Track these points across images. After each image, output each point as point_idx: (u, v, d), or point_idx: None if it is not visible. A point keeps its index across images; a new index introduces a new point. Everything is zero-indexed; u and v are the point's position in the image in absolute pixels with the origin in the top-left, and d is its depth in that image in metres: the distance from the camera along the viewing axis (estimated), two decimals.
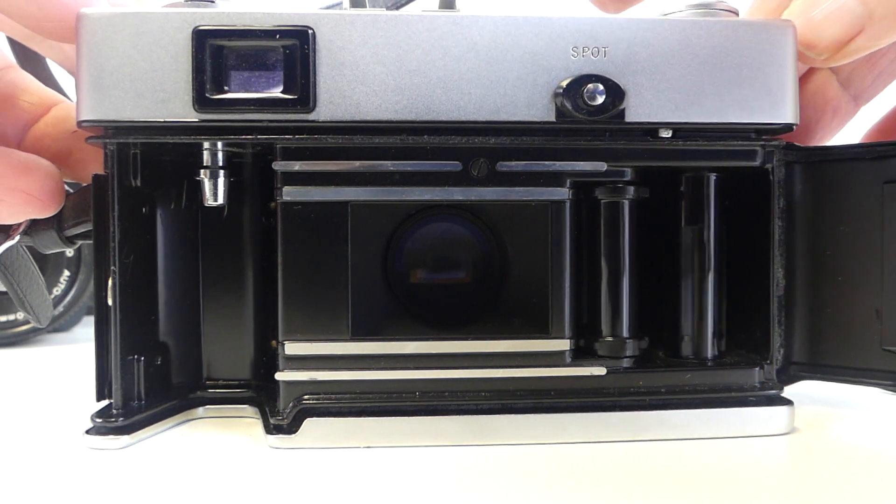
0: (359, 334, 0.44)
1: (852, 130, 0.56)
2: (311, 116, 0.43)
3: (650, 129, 0.45)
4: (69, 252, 0.79)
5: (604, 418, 0.44)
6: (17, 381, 0.65)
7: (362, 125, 0.43)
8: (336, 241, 0.44)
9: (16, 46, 0.61)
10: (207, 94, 0.42)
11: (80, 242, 0.51)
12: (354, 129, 0.43)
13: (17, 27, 0.46)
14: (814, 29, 0.44)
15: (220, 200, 0.46)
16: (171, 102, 0.42)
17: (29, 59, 0.63)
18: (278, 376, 0.44)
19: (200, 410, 0.49)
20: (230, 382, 0.51)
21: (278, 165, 0.44)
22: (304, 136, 0.43)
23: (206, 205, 0.47)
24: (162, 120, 0.42)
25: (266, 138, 0.43)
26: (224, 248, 0.50)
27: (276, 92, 0.42)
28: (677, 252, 0.48)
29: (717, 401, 0.45)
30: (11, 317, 0.80)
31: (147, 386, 0.47)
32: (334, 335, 0.44)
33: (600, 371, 0.45)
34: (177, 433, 0.46)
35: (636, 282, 0.47)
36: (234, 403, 0.50)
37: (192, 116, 0.42)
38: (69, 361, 0.70)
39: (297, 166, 0.44)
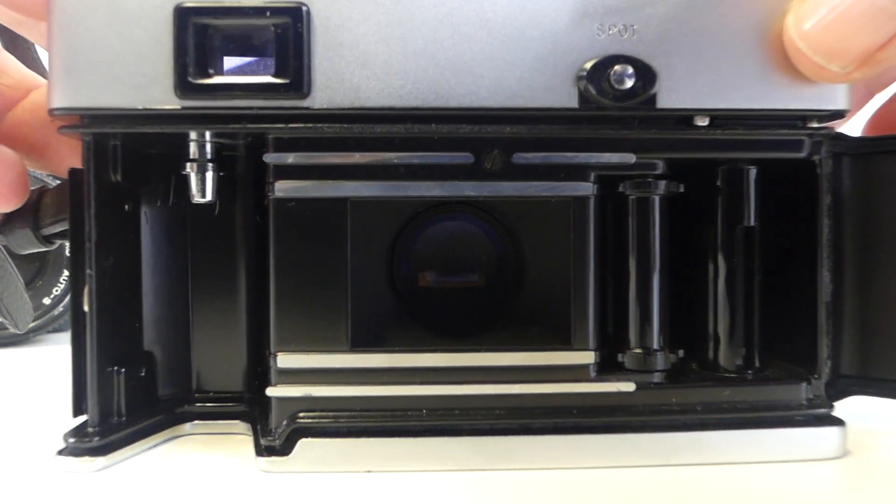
0: (359, 345, 0.40)
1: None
2: (305, 103, 0.39)
3: (684, 117, 0.40)
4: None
5: (632, 440, 0.40)
6: (6, 386, 0.61)
7: (363, 112, 0.39)
8: (334, 241, 0.40)
9: (2, 31, 0.57)
10: (191, 79, 0.38)
11: (58, 242, 0.47)
12: (354, 116, 0.39)
13: (1, 9, 0.42)
14: (835, 33, 0.36)
15: (209, 197, 0.43)
16: (151, 88, 0.38)
17: (16, 46, 0.59)
18: (270, 392, 0.40)
19: (188, 426, 0.45)
20: (222, 395, 0.47)
21: (270, 157, 0.40)
22: (298, 124, 0.39)
23: (194, 201, 0.43)
24: (141, 107, 0.39)
25: (256, 128, 0.39)
26: (216, 249, 0.46)
27: (267, 76, 0.39)
28: (712, 253, 0.44)
29: (759, 420, 0.41)
30: None
31: (128, 400, 0.43)
32: (332, 346, 0.40)
33: (628, 387, 0.41)
34: (160, 453, 0.42)
35: (668, 287, 0.43)
36: (225, 419, 0.46)
37: (173, 103, 0.38)
38: (67, 363, 0.66)
39: (290, 158, 0.40)
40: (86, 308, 0.41)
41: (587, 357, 0.41)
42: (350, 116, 0.39)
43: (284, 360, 0.40)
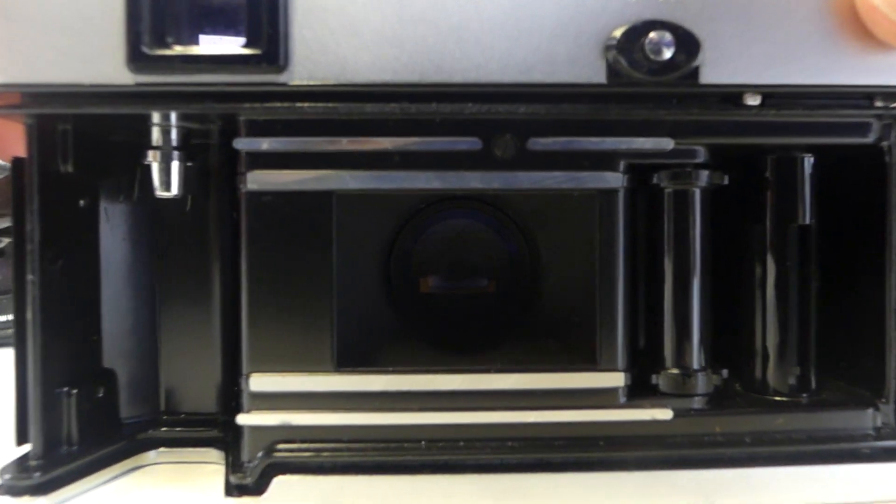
0: (347, 364, 0.35)
1: None
2: (282, 78, 0.33)
3: (732, 95, 0.35)
4: None
5: (669, 477, 0.35)
6: None
7: (350, 89, 0.33)
8: (317, 242, 0.35)
9: None
10: (145, 50, 0.33)
11: (6, 240, 0.41)
12: (340, 94, 0.33)
13: None
14: None
15: (175, 191, 0.37)
16: (100, 61, 0.33)
17: None
18: (242, 419, 0.35)
19: (153, 454, 0.40)
20: (194, 418, 0.42)
21: (241, 143, 0.35)
22: (274, 103, 0.34)
23: (158, 196, 0.38)
24: (88, 84, 0.33)
25: (224, 108, 0.34)
26: (188, 251, 0.42)
27: (237, 46, 0.33)
28: (759, 256, 0.39)
29: (818, 454, 0.36)
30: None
31: (82, 425, 0.38)
32: (315, 366, 0.35)
33: (665, 414, 0.36)
34: (116, 488, 0.37)
35: (710, 296, 0.37)
36: (197, 445, 0.41)
37: (125, 79, 0.33)
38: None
39: (265, 144, 0.34)
40: (29, 317, 0.35)
41: (616, 379, 0.36)
42: (335, 94, 0.33)
43: (259, 383, 0.35)
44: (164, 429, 0.41)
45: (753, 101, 0.35)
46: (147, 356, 0.41)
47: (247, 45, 0.33)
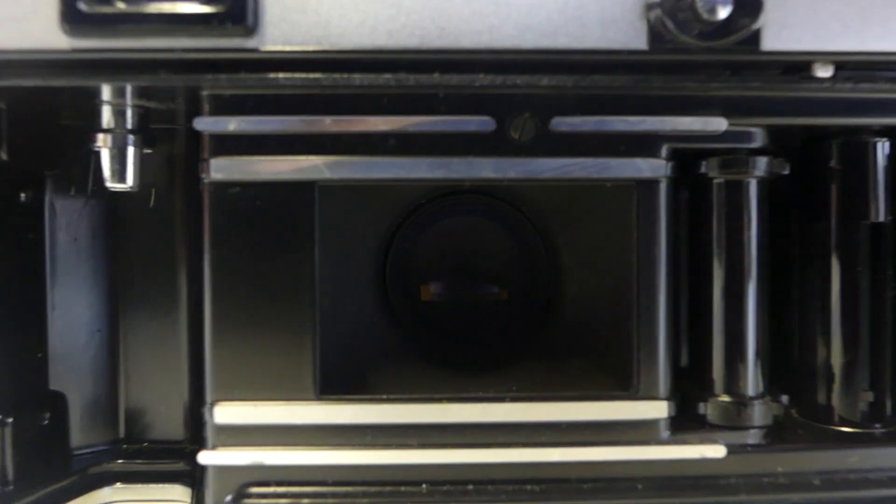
0: (332, 391, 0.30)
1: None
2: (251, 42, 0.28)
3: (799, 64, 0.29)
4: None
5: None
6: None
7: (335, 57, 0.28)
8: (296, 243, 0.30)
9: None
10: (83, 7, 0.27)
11: None
12: (322, 62, 0.28)
13: None
14: None
15: (130, 182, 0.33)
16: (29, 21, 0.28)
17: None
18: (205, 458, 0.30)
19: (107, 492, 0.35)
20: (157, 447, 0.37)
21: (203, 123, 0.30)
22: (242, 74, 0.28)
23: (110, 188, 0.32)
24: (14, 48, 0.27)
25: (181, 80, 0.29)
26: (152, 253, 0.37)
27: (196, 2, 0.27)
28: (822, 259, 0.33)
29: None
30: None
31: (21, 460, 0.33)
32: (293, 393, 0.30)
33: (716, 451, 0.30)
34: None
35: (767, 308, 0.32)
36: (159, 481, 0.36)
37: (58, 43, 0.28)
38: None
39: (232, 124, 0.29)
40: None
41: (657, 409, 0.30)
42: (317, 62, 0.28)
43: (226, 413, 0.30)
44: (121, 461, 0.36)
45: (824, 72, 0.29)
46: (104, 375, 0.37)
47: (207, 2, 0.27)
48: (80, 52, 0.27)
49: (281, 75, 0.28)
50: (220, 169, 0.29)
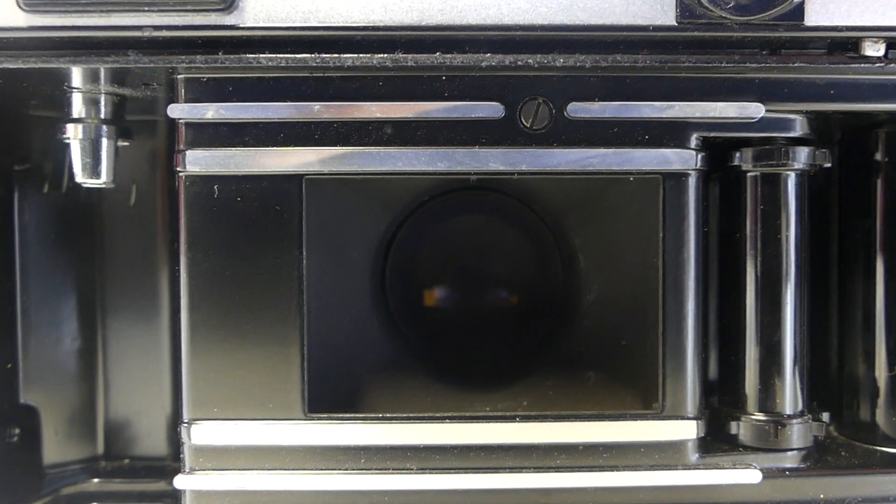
0: (322, 408, 0.28)
1: None
2: (229, 19, 0.26)
3: (846, 42, 0.27)
4: None
5: None
6: None
7: (324, 35, 0.26)
8: (282, 243, 0.27)
9: None
10: None
11: None
12: (309, 41, 0.26)
13: None
14: None
15: (104, 178, 0.31)
16: None
17: None
18: (181, 482, 0.28)
19: None
20: (138, 464, 0.35)
21: (178, 111, 0.27)
22: (220, 55, 0.26)
23: (83, 184, 0.30)
24: None
25: (152, 62, 0.26)
26: (132, 255, 0.35)
27: None
28: (865, 261, 0.31)
29: None
30: None
31: None
32: (279, 410, 0.27)
33: (751, 476, 0.28)
34: None
35: (807, 316, 0.29)
36: (138, 502, 0.34)
37: (15, 20, 0.26)
38: None
39: (209, 112, 0.27)
40: None
41: (685, 429, 0.28)
42: (303, 41, 0.26)
43: (204, 433, 0.27)
44: (98, 480, 0.34)
45: (875, 50, 0.27)
46: (81, 386, 0.35)
47: None
48: (39, 29, 0.25)
49: (263, 56, 0.26)
50: (197, 161, 0.27)
